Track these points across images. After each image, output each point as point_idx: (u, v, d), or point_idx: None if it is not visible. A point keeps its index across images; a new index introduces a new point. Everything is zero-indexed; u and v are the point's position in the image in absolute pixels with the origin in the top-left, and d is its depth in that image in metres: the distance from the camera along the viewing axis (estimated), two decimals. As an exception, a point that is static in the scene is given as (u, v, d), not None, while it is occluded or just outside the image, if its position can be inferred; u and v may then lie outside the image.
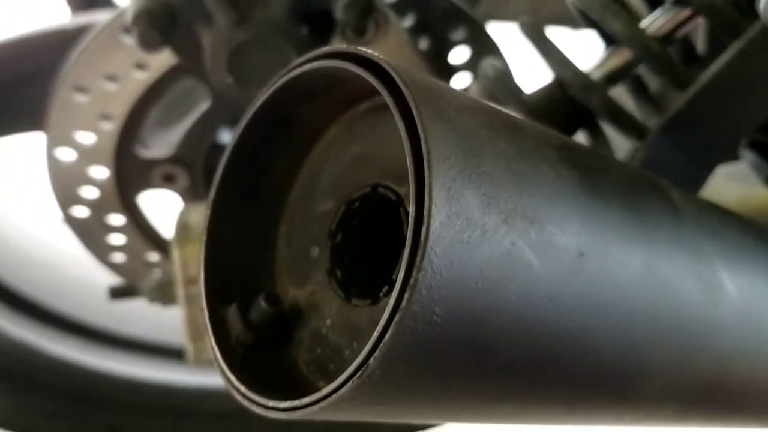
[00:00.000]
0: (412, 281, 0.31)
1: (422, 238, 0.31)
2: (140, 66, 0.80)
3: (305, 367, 0.42)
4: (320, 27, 0.71)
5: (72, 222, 0.92)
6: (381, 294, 0.39)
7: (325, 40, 0.72)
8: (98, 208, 0.91)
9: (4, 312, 1.04)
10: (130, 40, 0.77)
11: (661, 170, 0.63)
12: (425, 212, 0.31)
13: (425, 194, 0.32)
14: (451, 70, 0.88)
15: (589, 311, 0.39)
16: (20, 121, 0.97)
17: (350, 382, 0.32)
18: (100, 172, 0.88)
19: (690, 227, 0.48)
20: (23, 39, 0.94)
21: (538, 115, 0.66)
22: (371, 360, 0.32)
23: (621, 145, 0.69)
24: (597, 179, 0.43)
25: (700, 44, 0.70)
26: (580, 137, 0.72)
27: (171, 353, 1.15)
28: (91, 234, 0.93)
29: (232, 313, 0.42)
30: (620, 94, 0.71)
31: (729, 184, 0.91)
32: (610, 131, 0.68)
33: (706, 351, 0.48)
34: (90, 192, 0.90)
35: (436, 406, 0.37)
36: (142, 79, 0.82)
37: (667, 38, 0.66)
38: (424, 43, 0.86)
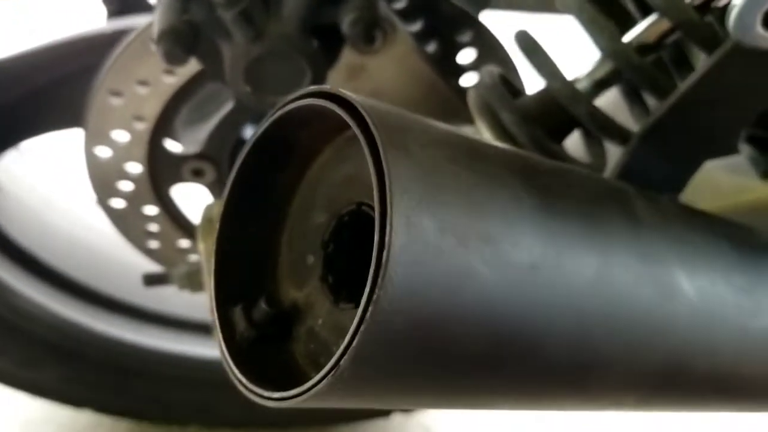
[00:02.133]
0: (375, 297, 0.37)
1: (383, 261, 0.38)
2: (169, 72, 0.88)
3: (301, 359, 0.49)
4: (331, 39, 0.76)
5: (110, 212, 1.01)
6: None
7: (336, 51, 0.78)
8: (134, 200, 0.99)
9: (55, 294, 1.14)
10: (159, 49, 0.84)
11: (643, 174, 0.67)
12: (386, 239, 0.38)
13: (386, 223, 0.38)
14: (459, 71, 0.93)
15: (541, 315, 0.45)
16: (61, 118, 1.05)
17: (325, 380, 0.39)
18: (135, 167, 0.96)
19: (649, 235, 0.53)
20: (65, 42, 1.02)
21: (531, 120, 0.71)
22: (341, 362, 0.38)
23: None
24: (557, 198, 0.48)
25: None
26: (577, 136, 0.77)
27: (206, 330, 1.23)
28: (127, 223, 1.02)
29: (237, 313, 0.48)
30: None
31: (726, 176, 0.94)
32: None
33: (662, 346, 0.53)
34: (126, 185, 0.98)
35: (404, 397, 0.43)
36: (171, 83, 0.89)
37: (655, 46, 0.70)
38: (432, 47, 0.91)
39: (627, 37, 0.70)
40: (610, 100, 0.81)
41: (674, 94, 0.65)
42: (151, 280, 0.94)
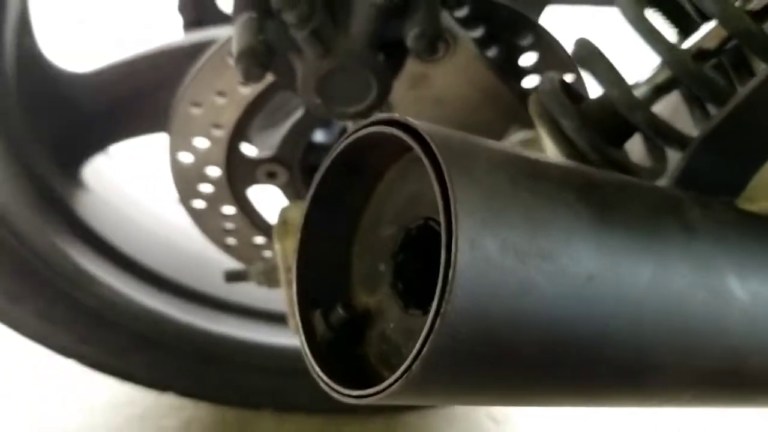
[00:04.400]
0: (442, 311, 0.42)
1: (449, 278, 0.42)
2: (244, 83, 0.94)
3: (374, 359, 0.54)
4: (395, 50, 0.81)
5: (191, 212, 1.08)
6: (431, 307, 0.50)
7: (400, 63, 0.82)
8: (213, 200, 1.06)
9: (141, 286, 1.22)
10: (235, 62, 0.90)
11: (702, 177, 0.69)
12: (452, 258, 0.42)
13: (452, 244, 0.42)
14: (520, 73, 0.96)
15: (597, 323, 0.48)
16: (145, 124, 1.13)
17: (398, 381, 0.44)
18: (214, 171, 1.03)
19: (703, 243, 0.55)
20: (148, 54, 1.09)
21: (591, 126, 0.74)
22: (413, 367, 0.43)
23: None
24: (614, 212, 0.51)
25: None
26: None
27: (280, 319, 1.30)
28: (207, 222, 1.09)
29: (317, 317, 0.54)
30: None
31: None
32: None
33: (716, 348, 0.55)
34: (206, 188, 1.05)
35: (468, 397, 0.48)
36: (246, 93, 0.95)
37: (715, 51, 0.72)
38: (493, 51, 0.94)
39: (688, 43, 0.71)
40: (671, 103, 0.82)
41: (732, 101, 0.66)
42: (231, 276, 1.01)
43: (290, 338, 1.26)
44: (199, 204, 1.06)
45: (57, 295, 1.14)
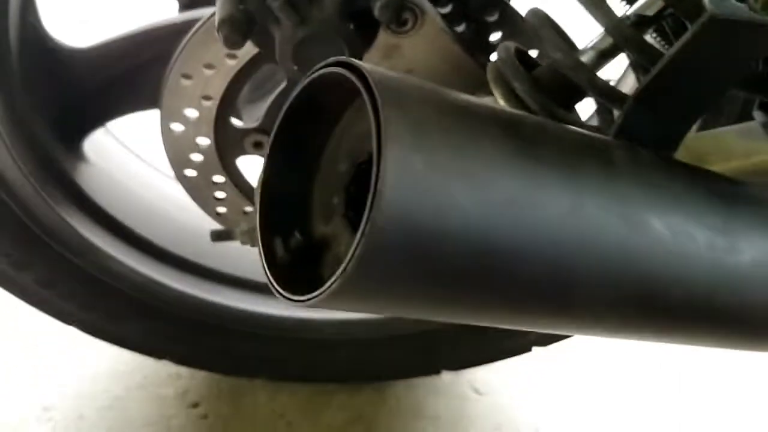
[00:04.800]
0: (371, 221, 0.49)
1: (379, 192, 0.49)
2: (231, 56, 1.01)
3: (328, 279, 0.60)
4: (368, 22, 0.88)
5: (184, 181, 1.15)
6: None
7: (372, 33, 0.89)
8: (204, 169, 1.13)
9: (136, 256, 1.28)
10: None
11: (637, 134, 0.75)
12: (380, 175, 0.49)
13: (381, 162, 0.49)
14: (489, 48, 1.03)
15: (516, 243, 0.54)
16: (141, 100, 1.20)
17: (336, 282, 0.50)
18: (204, 141, 1.10)
19: (623, 181, 0.61)
20: (141, 31, 1.16)
21: (542, 89, 0.81)
22: (347, 269, 0.50)
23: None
24: (535, 145, 0.57)
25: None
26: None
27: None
28: (199, 191, 1.16)
29: (278, 243, 0.61)
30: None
31: (738, 140, 1.00)
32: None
33: (635, 273, 0.60)
34: (197, 157, 1.12)
35: (402, 304, 0.54)
36: (232, 65, 1.02)
37: (655, 18, 0.78)
38: (463, 27, 1.01)
39: (631, 10, 0.78)
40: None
41: (661, 62, 0.73)
42: (217, 236, 1.07)
43: (283, 308, 1.32)
44: (190, 173, 1.13)
45: (60, 263, 1.21)
